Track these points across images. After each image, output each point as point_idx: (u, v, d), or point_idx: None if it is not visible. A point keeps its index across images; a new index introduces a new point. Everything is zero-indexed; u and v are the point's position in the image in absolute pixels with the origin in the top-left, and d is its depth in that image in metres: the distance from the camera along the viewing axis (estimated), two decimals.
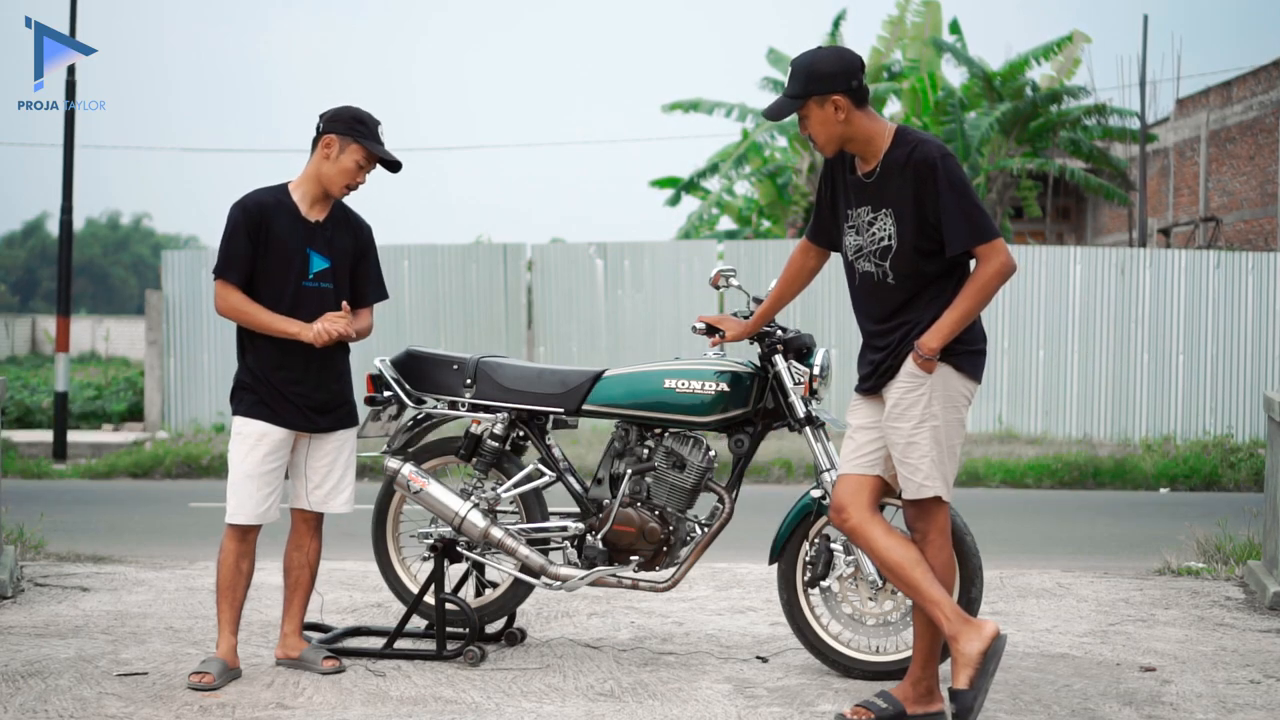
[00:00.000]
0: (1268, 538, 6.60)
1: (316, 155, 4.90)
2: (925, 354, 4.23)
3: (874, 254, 4.34)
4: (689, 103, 23.08)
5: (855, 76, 4.29)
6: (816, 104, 4.29)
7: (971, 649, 4.16)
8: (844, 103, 4.27)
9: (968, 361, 4.31)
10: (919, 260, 4.28)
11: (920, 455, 4.28)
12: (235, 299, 4.82)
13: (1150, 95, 24.68)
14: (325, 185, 4.90)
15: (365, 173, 4.91)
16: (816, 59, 4.32)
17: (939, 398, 4.27)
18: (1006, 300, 15.69)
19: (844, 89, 4.27)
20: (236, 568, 4.87)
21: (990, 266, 4.20)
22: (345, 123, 4.87)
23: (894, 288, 4.33)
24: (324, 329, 4.80)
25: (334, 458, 5.01)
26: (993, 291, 4.24)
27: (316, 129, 4.91)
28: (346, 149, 4.86)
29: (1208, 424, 15.48)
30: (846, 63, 4.31)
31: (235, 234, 4.81)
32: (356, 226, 5.07)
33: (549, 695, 4.68)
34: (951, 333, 4.23)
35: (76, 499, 11.46)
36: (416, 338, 15.92)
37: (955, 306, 4.23)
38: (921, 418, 4.27)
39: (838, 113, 4.28)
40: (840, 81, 4.27)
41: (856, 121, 4.30)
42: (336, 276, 4.95)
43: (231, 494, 4.85)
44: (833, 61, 4.30)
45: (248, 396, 4.86)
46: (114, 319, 42.27)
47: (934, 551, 4.35)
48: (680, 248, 17.10)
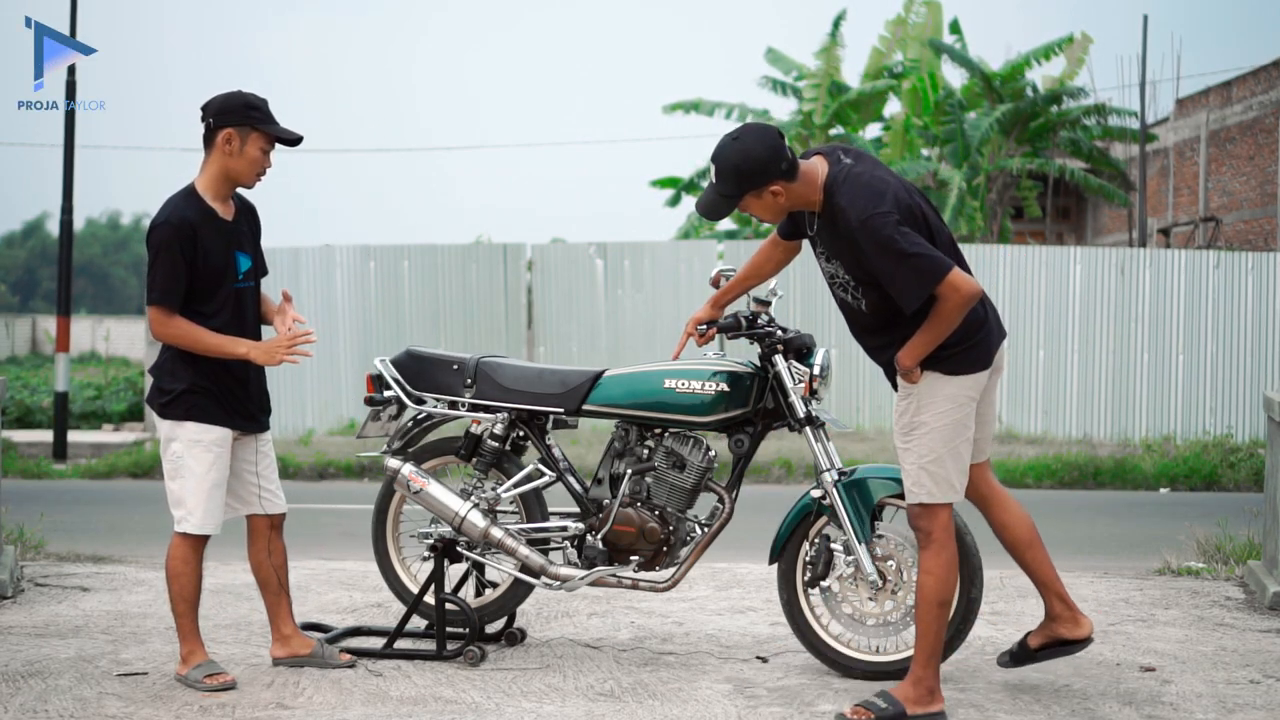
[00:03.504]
0: (1268, 538, 6.60)
1: (216, 152, 4.73)
2: (902, 369, 4.29)
3: (848, 286, 4.41)
4: (689, 103, 23.09)
5: (782, 159, 4.22)
6: (754, 197, 4.28)
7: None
8: (780, 186, 4.26)
9: (957, 362, 4.35)
10: (885, 298, 4.34)
11: (910, 461, 4.36)
12: (178, 326, 4.66)
13: (1150, 95, 24.70)
14: (236, 180, 4.78)
15: (270, 156, 4.81)
16: (741, 156, 4.23)
17: (927, 405, 4.33)
18: (1007, 300, 15.69)
19: (777, 175, 4.23)
20: (198, 579, 4.79)
21: (949, 303, 4.20)
22: (239, 113, 4.72)
23: (870, 315, 4.42)
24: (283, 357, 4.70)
25: (270, 456, 4.99)
26: (957, 320, 4.24)
27: (206, 125, 4.74)
28: (248, 139, 4.73)
29: (1208, 424, 15.47)
30: (771, 148, 4.23)
31: (168, 256, 4.63)
32: (252, 211, 4.99)
33: (549, 695, 4.68)
34: (923, 353, 4.29)
35: (76, 499, 11.46)
36: (416, 338, 15.92)
37: (924, 331, 4.27)
38: (911, 425, 4.35)
39: (776, 197, 4.28)
40: (773, 171, 4.23)
41: (793, 193, 4.30)
42: (257, 270, 4.92)
43: (196, 505, 4.70)
44: (758, 153, 4.22)
45: (201, 401, 4.71)
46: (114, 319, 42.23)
47: (936, 550, 4.37)
48: (680, 248, 17.10)
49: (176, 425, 4.74)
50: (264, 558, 4.97)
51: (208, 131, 4.75)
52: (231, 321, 4.77)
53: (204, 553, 4.82)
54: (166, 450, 4.78)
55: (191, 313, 4.71)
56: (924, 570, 4.40)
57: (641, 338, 16.13)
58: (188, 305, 4.71)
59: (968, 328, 4.34)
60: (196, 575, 4.78)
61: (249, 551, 4.99)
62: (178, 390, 4.73)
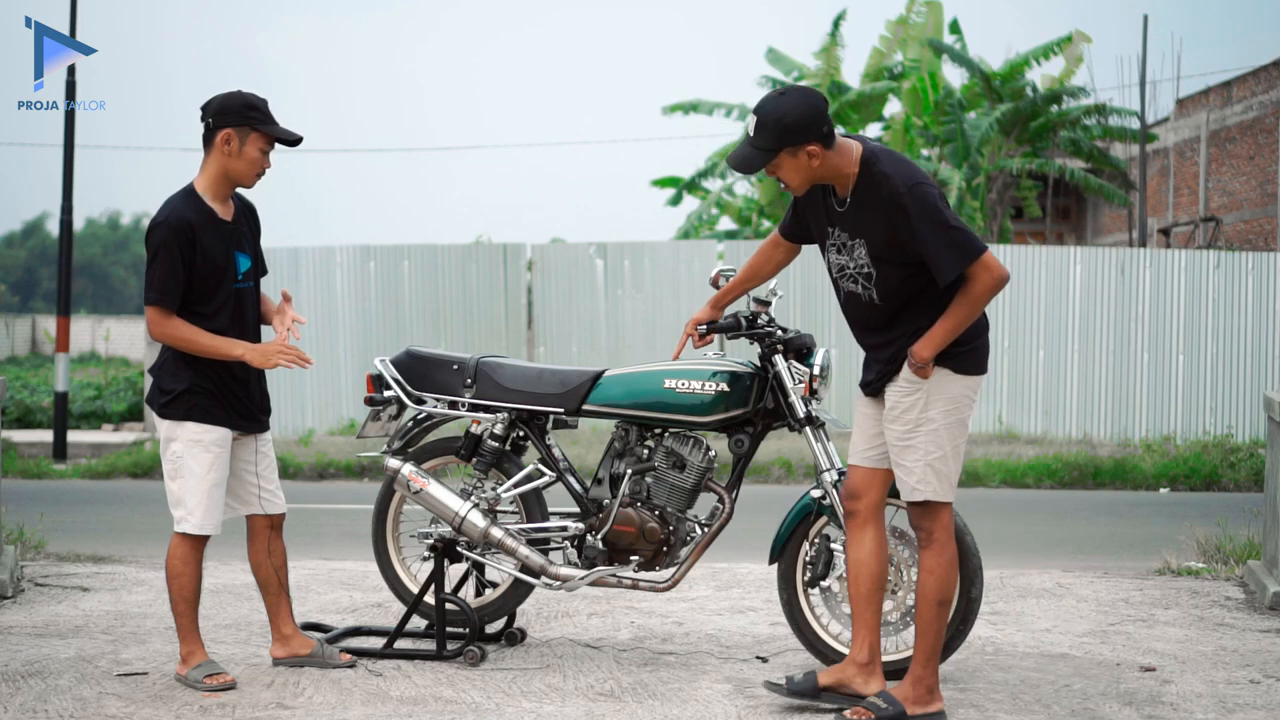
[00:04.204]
0: (1268, 538, 6.60)
1: (215, 153, 4.73)
2: (918, 362, 4.26)
3: (859, 276, 4.37)
4: (689, 104, 23.10)
5: (825, 121, 4.22)
6: (789, 154, 4.24)
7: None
8: (817, 149, 4.23)
9: (967, 361, 4.33)
10: (902, 282, 4.31)
11: (915, 459, 4.33)
12: (175, 326, 4.66)
13: (1150, 95, 24.73)
14: (236, 180, 4.78)
15: (269, 156, 4.80)
16: (785, 110, 4.23)
17: (936, 402, 4.31)
18: (1007, 300, 15.69)
19: (817, 137, 4.21)
20: (198, 579, 4.79)
21: (980, 283, 4.20)
22: (238, 113, 4.71)
23: (881, 306, 4.38)
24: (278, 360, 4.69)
25: (270, 456, 4.99)
26: (985, 302, 4.25)
27: (206, 125, 4.73)
28: (247, 139, 4.72)
29: (1208, 424, 15.47)
30: (815, 109, 4.23)
31: (167, 256, 4.62)
32: (251, 210, 4.98)
33: (549, 695, 4.68)
34: (943, 343, 4.27)
35: (76, 499, 11.46)
36: (416, 338, 15.92)
37: (947, 317, 4.25)
38: (917, 422, 4.31)
39: (811, 160, 4.25)
40: (813, 132, 4.20)
41: (828, 160, 4.27)
42: (257, 270, 4.92)
43: (196, 505, 4.70)
44: (802, 110, 4.22)
45: (201, 401, 4.71)
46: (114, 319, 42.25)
47: (937, 550, 4.37)
48: (680, 248, 17.10)
49: (176, 425, 4.74)
50: (264, 558, 4.97)
51: (207, 132, 4.74)
52: (231, 322, 4.77)
53: (204, 553, 4.82)
54: (166, 450, 4.78)
55: (190, 313, 4.71)
56: (925, 570, 4.39)
57: (641, 338, 16.12)
58: (187, 305, 4.71)
59: (977, 326, 4.35)
60: (196, 575, 4.78)
61: (249, 552, 4.99)
62: (178, 390, 4.73)
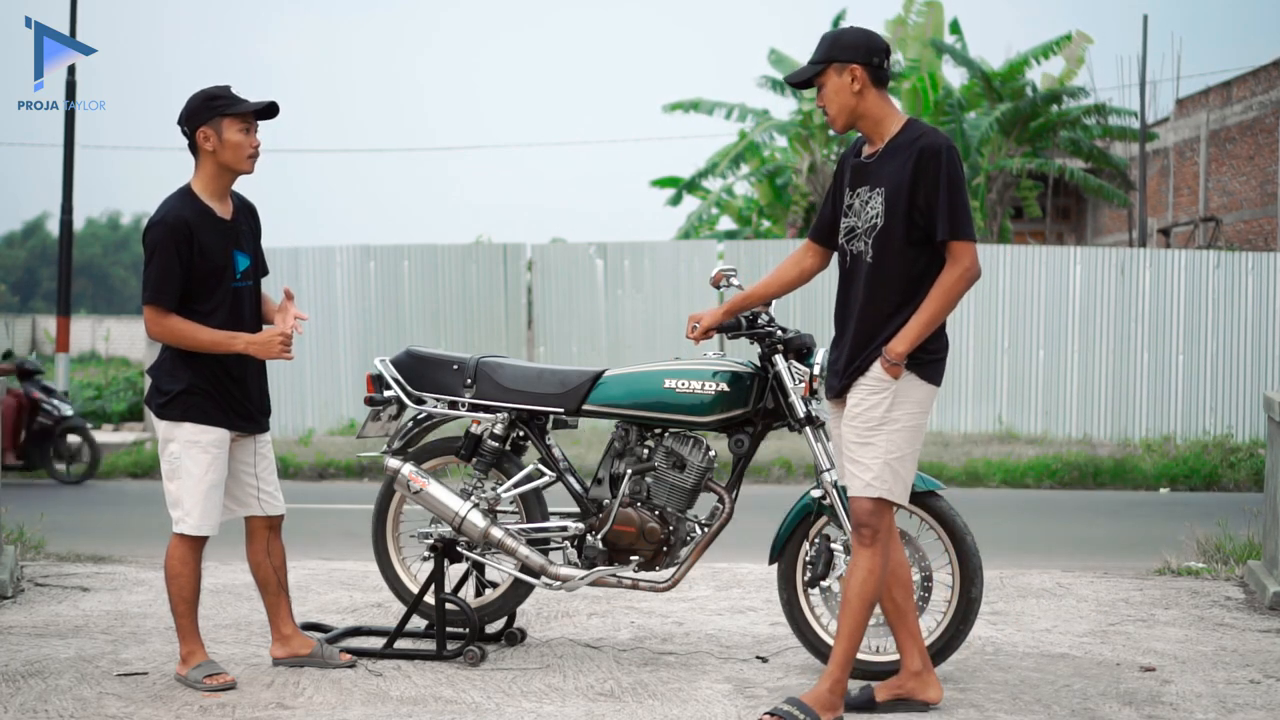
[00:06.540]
0: (1268, 538, 6.61)
1: (202, 153, 4.75)
2: (893, 359, 4.27)
3: (865, 233, 4.38)
4: (689, 103, 23.09)
5: (877, 54, 4.38)
6: (835, 71, 4.37)
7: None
8: (861, 75, 4.35)
9: (931, 370, 4.39)
10: (902, 245, 4.32)
11: (873, 456, 4.32)
12: (173, 324, 4.67)
13: (1150, 95, 24.71)
14: (232, 169, 4.77)
15: (254, 134, 4.79)
16: (844, 31, 4.44)
17: (902, 404, 4.33)
18: (1006, 300, 15.70)
19: (864, 61, 4.35)
20: (197, 579, 4.80)
21: (957, 269, 4.28)
22: (203, 109, 4.72)
23: (871, 272, 4.35)
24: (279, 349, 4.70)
25: (270, 457, 4.99)
26: (958, 295, 4.31)
27: (185, 134, 4.76)
28: (222, 127, 4.72)
29: (1208, 424, 15.47)
30: (871, 41, 4.41)
31: (164, 255, 4.64)
32: (252, 210, 4.99)
33: (549, 695, 4.68)
34: (919, 336, 4.28)
35: (76, 499, 11.46)
36: (416, 338, 15.92)
37: (922, 310, 4.29)
38: (880, 421, 4.32)
39: (854, 83, 4.35)
40: (861, 54, 4.36)
41: (870, 98, 4.37)
42: (256, 269, 4.92)
43: (194, 506, 4.70)
44: (858, 36, 4.41)
45: (199, 402, 4.71)
46: (114, 319, 42.24)
47: (879, 550, 4.34)
48: (680, 248, 17.10)
49: (174, 426, 4.74)
50: (263, 558, 4.97)
51: (189, 139, 4.78)
52: (229, 321, 4.77)
53: (203, 553, 4.83)
54: (164, 451, 4.78)
55: (188, 311, 4.71)
56: (865, 569, 4.32)
57: (641, 338, 16.13)
58: (184, 304, 4.71)
59: (942, 341, 4.41)
60: (195, 575, 4.78)
61: (248, 552, 4.99)
62: (176, 391, 4.73)
